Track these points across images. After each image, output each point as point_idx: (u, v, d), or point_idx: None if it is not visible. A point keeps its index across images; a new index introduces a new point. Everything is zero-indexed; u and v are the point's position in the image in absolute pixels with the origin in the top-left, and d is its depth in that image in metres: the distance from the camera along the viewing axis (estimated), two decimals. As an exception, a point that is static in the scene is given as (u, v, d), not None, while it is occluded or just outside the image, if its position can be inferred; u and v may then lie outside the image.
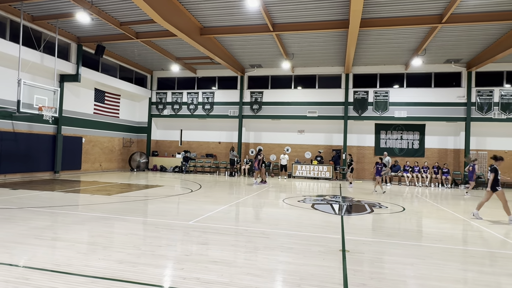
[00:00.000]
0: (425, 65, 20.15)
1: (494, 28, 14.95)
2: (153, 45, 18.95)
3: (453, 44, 17.15)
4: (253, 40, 17.80)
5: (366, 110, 21.39)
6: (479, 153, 20.36)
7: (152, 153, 24.78)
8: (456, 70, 20.38)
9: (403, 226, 7.98)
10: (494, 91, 19.87)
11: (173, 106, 24.58)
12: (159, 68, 24.26)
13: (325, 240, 6.30)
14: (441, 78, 20.78)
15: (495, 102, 19.80)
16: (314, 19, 14.71)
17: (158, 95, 24.98)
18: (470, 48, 17.65)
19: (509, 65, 19.62)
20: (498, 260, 5.44)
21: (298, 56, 20.01)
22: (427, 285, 4.26)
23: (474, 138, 20.29)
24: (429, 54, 18.65)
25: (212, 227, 7.02)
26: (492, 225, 8.34)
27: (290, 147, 23.04)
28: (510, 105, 19.56)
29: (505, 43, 15.70)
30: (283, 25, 15.39)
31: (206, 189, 14.09)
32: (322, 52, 19.26)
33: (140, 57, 21.84)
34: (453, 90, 20.45)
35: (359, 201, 11.91)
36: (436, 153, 21.14)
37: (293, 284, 4.14)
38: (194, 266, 4.65)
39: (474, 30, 15.27)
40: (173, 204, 9.92)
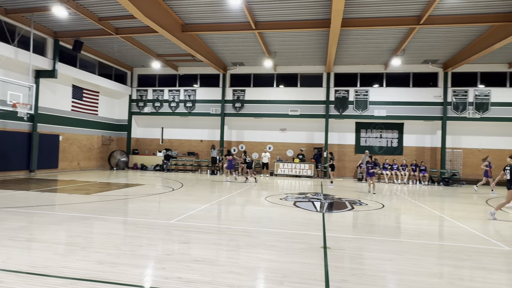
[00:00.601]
0: (403, 65, 20.61)
1: (470, 30, 15.43)
2: (134, 41, 18.59)
3: (431, 45, 17.61)
4: (236, 38, 17.74)
5: (347, 109, 21.71)
6: (454, 151, 21.03)
7: (133, 151, 24.36)
8: (433, 70, 20.95)
9: (382, 223, 8.16)
10: (469, 91, 20.54)
11: (154, 104, 24.23)
12: (140, 64, 23.84)
13: (307, 237, 6.36)
14: (419, 78, 21.31)
15: (469, 102, 20.48)
16: (296, 18, 14.80)
17: (138, 92, 24.55)
18: (446, 49, 18.17)
19: (483, 66, 20.33)
20: (472, 254, 5.65)
21: (280, 54, 20.09)
22: (405, 280, 4.37)
23: (450, 136, 20.93)
24: (408, 55, 19.09)
25: (194, 226, 6.97)
26: (466, 220, 8.63)
27: (272, 145, 23.13)
28: (484, 105, 20.27)
29: (480, 45, 16.24)
30: (266, 23, 15.40)
31: (188, 187, 13.97)
32: (304, 51, 19.40)
33: (120, 54, 21.39)
34: (430, 90, 21.02)
35: (340, 198, 12.09)
36: (414, 151, 21.69)
37: (276, 282, 4.17)
38: (176, 265, 4.61)
39: (451, 32, 15.73)
40: (154, 203, 9.79)
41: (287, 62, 21.78)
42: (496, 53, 17.96)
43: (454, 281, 4.41)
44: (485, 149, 20.62)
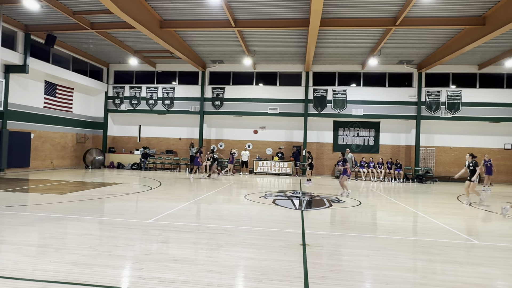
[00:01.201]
0: (380, 65, 21.09)
1: (442, 33, 15.96)
2: (110, 36, 18.13)
3: (406, 46, 18.10)
4: (215, 35, 17.62)
5: (325, 107, 22.01)
6: (428, 149, 21.73)
7: (109, 149, 23.78)
8: (408, 70, 21.54)
9: (359, 220, 8.33)
10: (442, 92, 21.26)
11: (131, 101, 23.73)
12: (116, 61, 23.28)
13: (286, 235, 6.41)
14: (395, 78, 21.87)
15: (442, 101, 21.20)
16: (275, 16, 14.85)
17: (115, 89, 23.98)
18: (420, 50, 18.73)
19: (455, 67, 21.09)
20: (444, 249, 5.85)
21: (259, 53, 20.11)
22: (381, 275, 4.49)
23: (423, 135, 21.61)
24: (384, 55, 19.54)
25: (172, 225, 6.89)
26: (439, 216, 8.94)
27: (252, 143, 23.16)
28: (455, 105, 21.04)
29: (452, 46, 16.83)
30: (245, 21, 15.38)
31: (166, 186, 13.79)
32: (283, 50, 19.51)
33: (95, 49, 20.80)
34: (405, 90, 21.61)
35: (319, 196, 12.26)
36: (390, 149, 22.26)
37: (255, 280, 4.18)
38: (154, 265, 4.54)
39: (425, 34, 16.21)
40: (131, 202, 9.61)
41: (267, 61, 21.83)
42: (467, 55, 18.68)
43: (427, 275, 4.56)
44: (457, 147, 21.44)
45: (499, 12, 13.06)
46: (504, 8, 12.69)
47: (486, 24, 13.91)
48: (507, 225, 8.22)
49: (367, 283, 4.28)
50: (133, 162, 23.01)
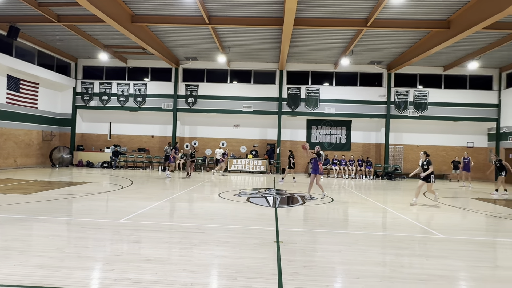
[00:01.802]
0: (352, 65, 21.58)
1: (411, 35, 16.54)
2: (78, 30, 17.46)
3: (376, 47, 18.61)
4: (189, 32, 17.38)
5: (298, 106, 22.27)
6: (397, 147, 22.51)
7: (77, 147, 22.95)
8: (378, 71, 22.18)
9: (331, 216, 8.51)
10: (410, 92, 22.06)
11: (101, 97, 22.99)
12: (85, 55, 22.46)
13: (260, 232, 6.45)
14: (366, 78, 22.45)
15: (410, 101, 22.00)
16: (250, 14, 14.84)
17: (84, 84, 23.14)
18: (390, 51, 19.32)
19: (422, 69, 21.94)
20: (411, 243, 6.09)
21: (234, 50, 20.04)
22: (352, 270, 4.61)
23: (392, 133, 22.35)
24: (356, 55, 20.00)
25: (144, 225, 6.75)
26: (406, 211, 9.29)
27: (226, 141, 23.08)
28: (422, 105, 21.89)
29: (419, 48, 17.48)
30: (219, 18, 15.26)
31: (138, 185, 13.49)
32: (258, 48, 19.54)
33: (62, 43, 19.97)
34: (376, 90, 22.24)
35: (292, 193, 12.40)
36: (361, 147, 22.86)
37: (229, 278, 4.18)
38: (126, 266, 4.44)
39: (394, 35, 16.73)
40: (101, 202, 9.32)
41: (241, 58, 21.79)
42: (433, 57, 19.47)
43: (396, 268, 4.74)
44: (423, 145, 22.34)
45: (462, 17, 13.69)
46: (467, 13, 13.32)
47: (451, 27, 14.55)
48: (469, 219, 8.66)
49: (339, 278, 4.38)
50: (103, 160, 22.34)
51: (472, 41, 16.90)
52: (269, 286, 3.97)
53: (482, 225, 8.12)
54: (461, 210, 10.01)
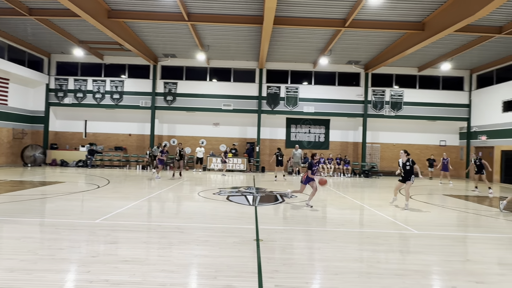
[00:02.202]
0: (330, 65, 21.86)
1: (387, 36, 16.92)
2: (52, 24, 16.85)
3: (354, 47, 18.94)
4: (167, 28, 17.11)
5: (278, 104, 22.38)
6: (373, 146, 23.02)
7: (51, 146, 22.19)
8: (356, 71, 22.59)
9: (310, 214, 8.61)
10: (386, 91, 22.59)
11: (75, 94, 22.31)
12: (59, 51, 21.72)
13: (240, 231, 6.44)
14: (344, 77, 22.82)
15: (386, 101, 22.54)
16: (230, 12, 14.77)
17: (57, 81, 22.37)
18: (367, 52, 19.71)
19: (398, 69, 22.51)
20: (388, 239, 6.25)
21: (213, 48, 19.90)
22: (331, 266, 4.68)
23: (369, 132, 22.84)
24: (334, 55, 20.29)
25: (122, 225, 6.61)
26: (383, 208, 9.52)
27: (205, 139, 22.91)
28: (398, 104, 22.47)
29: (395, 49, 17.92)
30: (199, 16, 15.11)
31: (115, 184, 13.19)
32: (238, 46, 19.49)
33: (34, 37, 19.23)
34: (353, 89, 22.65)
35: (272, 191, 12.46)
36: (339, 145, 23.23)
37: (209, 277, 4.16)
38: (102, 267, 4.33)
39: (371, 36, 17.08)
40: (76, 202, 9.06)
41: (221, 56, 21.68)
42: (408, 58, 20.01)
43: (373, 264, 4.85)
44: (399, 144, 22.95)
45: (436, 19, 14.14)
46: (440, 16, 13.76)
47: (425, 29, 14.98)
48: (442, 215, 8.97)
49: (318, 274, 4.44)
50: (78, 159, 21.70)
51: (445, 43, 17.48)
52: (249, 284, 3.98)
53: (454, 220, 8.43)
54: (435, 206, 10.36)
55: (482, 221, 8.45)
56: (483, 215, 9.22)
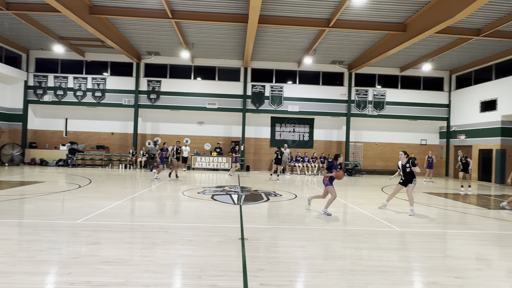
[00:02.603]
0: (314, 64, 22.04)
1: (370, 36, 17.17)
2: (30, 20, 16.35)
3: (338, 47, 19.15)
4: (151, 26, 16.87)
5: (263, 103, 22.41)
6: (357, 145, 23.34)
7: (29, 144, 21.57)
8: (340, 70, 22.84)
9: (295, 212, 8.67)
10: (369, 91, 22.94)
11: (56, 92, 21.74)
12: (38, 47, 21.12)
13: (224, 230, 6.43)
14: (328, 77, 23.04)
15: (369, 100, 22.89)
16: (214, 10, 14.68)
17: (36, 78, 21.75)
18: (351, 52, 19.96)
19: (381, 69, 22.88)
20: (370, 236, 6.36)
21: (198, 46, 19.75)
22: (315, 264, 4.73)
23: (353, 131, 23.15)
24: (318, 55, 20.45)
25: (104, 225, 6.50)
26: (366, 206, 9.67)
27: (190, 138, 22.73)
28: (380, 104, 22.86)
29: (378, 50, 18.21)
30: (183, 13, 14.97)
31: (97, 183, 12.94)
32: (222, 45, 19.40)
33: (12, 33, 18.62)
34: (337, 89, 22.90)
35: (257, 190, 12.48)
36: (323, 144, 23.45)
37: (194, 277, 4.13)
38: (84, 269, 4.25)
39: (355, 36, 17.29)
40: (57, 202, 8.84)
41: (205, 55, 21.54)
42: (391, 58, 20.37)
43: (356, 261, 4.92)
44: (381, 142, 23.37)
45: (417, 21, 14.44)
46: (422, 18, 14.06)
47: (407, 31, 15.28)
48: (423, 212, 9.17)
49: (302, 272, 4.48)
50: (58, 158, 21.17)
51: (426, 44, 17.88)
52: (234, 283, 3.97)
53: (434, 218, 8.64)
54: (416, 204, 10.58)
55: (461, 218, 8.70)
56: (462, 212, 9.49)
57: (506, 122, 18.78)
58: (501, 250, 5.81)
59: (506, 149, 18.66)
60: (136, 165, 21.36)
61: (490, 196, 13.48)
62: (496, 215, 9.17)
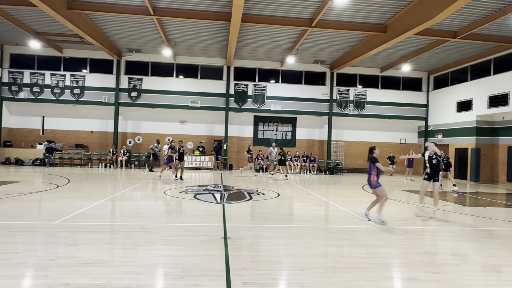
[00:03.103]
0: (297, 64, 22.18)
1: (352, 37, 17.42)
2: (5, 14, 15.76)
3: (320, 47, 19.34)
4: (132, 22, 16.57)
5: (246, 102, 22.40)
6: (338, 144, 23.66)
7: (4, 143, 20.83)
8: (322, 70, 23.08)
9: (277, 211, 8.71)
10: (350, 91, 23.28)
11: (32, 89, 21.07)
12: (13, 42, 20.40)
13: (207, 229, 6.39)
14: (310, 76, 23.25)
15: (350, 100, 23.23)
16: (197, 8, 14.56)
17: (11, 74, 21.01)
18: (333, 52, 20.19)
19: (362, 69, 23.26)
20: (352, 234, 6.46)
21: (180, 44, 19.54)
22: (298, 262, 4.76)
23: (334, 130, 23.45)
24: (301, 54, 20.60)
25: (83, 226, 6.35)
26: (347, 204, 9.81)
27: (172, 137, 22.43)
28: (361, 103, 23.24)
29: (359, 50, 18.50)
30: (165, 10, 14.77)
31: (76, 183, 12.62)
32: (205, 43, 19.26)
33: (-15, 27, 17.94)
34: (319, 88, 23.14)
35: (239, 189, 12.47)
36: (305, 143, 23.66)
37: (176, 277, 4.09)
38: (62, 271, 4.13)
39: (337, 37, 17.51)
40: (33, 203, 8.57)
41: (188, 53, 21.33)
42: (372, 59, 20.74)
43: (338, 258, 4.99)
44: (362, 141, 23.76)
45: (397, 22, 14.74)
46: (401, 19, 14.37)
47: (387, 32, 15.59)
48: (401, 210, 9.39)
49: (285, 270, 4.50)
50: (35, 157, 20.53)
51: (405, 46, 18.28)
52: (217, 282, 3.96)
53: (412, 214, 8.85)
54: (396, 202, 10.82)
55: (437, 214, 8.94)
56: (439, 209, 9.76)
57: (481, 121, 19.45)
58: (476, 245, 6.01)
59: (480, 148, 19.32)
60: (117, 164, 20.96)
61: (465, 194, 13.93)
62: (471, 211, 9.48)
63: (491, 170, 19.51)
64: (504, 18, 13.77)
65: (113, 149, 20.78)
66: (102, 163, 20.97)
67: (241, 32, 16.92)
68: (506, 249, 5.82)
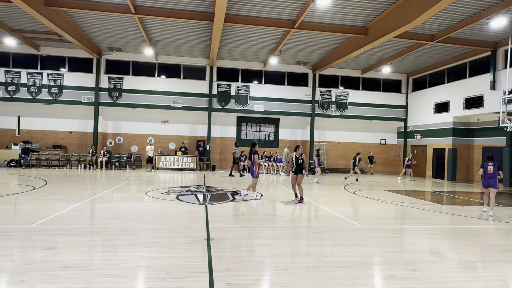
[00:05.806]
0: (280, 65, 22.31)
1: (334, 38, 17.65)
2: (-23, 9, 15.21)
3: (303, 48, 19.50)
4: (112, 20, 16.27)
5: (229, 103, 22.35)
6: (320, 144, 23.92)
7: (-23, 144, 20.03)
8: (305, 71, 23.28)
9: (260, 211, 8.72)
10: (332, 92, 23.58)
11: (7, 87, 20.36)
12: (-14, 39, 19.68)
13: (190, 230, 6.34)
14: (293, 77, 23.41)
15: (332, 101, 23.53)
16: (180, 7, 14.43)
17: (-16, 72, 20.25)
18: (315, 53, 20.41)
19: (343, 71, 23.61)
20: (333, 233, 6.54)
21: (162, 43, 19.31)
22: (281, 262, 4.79)
23: (317, 131, 23.70)
24: (284, 55, 20.72)
25: (61, 229, 6.18)
26: (330, 204, 9.94)
27: (154, 137, 22.18)
28: (343, 104, 23.58)
29: (341, 52, 18.77)
30: (147, 9, 14.57)
31: (54, 185, 12.27)
32: (188, 42, 19.11)
33: (-44, 23, 17.21)
34: (302, 89, 23.33)
35: (222, 190, 12.42)
36: (288, 144, 23.75)
37: (158, 279, 4.04)
38: (39, 275, 4.01)
39: (319, 38, 17.70)
40: (8, 206, 8.28)
41: (170, 52, 21.11)
42: (353, 60, 21.08)
43: (320, 258, 5.04)
44: (344, 142, 24.11)
45: (377, 25, 15.05)
46: (381, 22, 14.67)
47: (368, 34, 15.88)
48: (382, 209, 9.58)
49: (268, 271, 4.52)
50: (10, 158, 19.83)
51: (385, 48, 18.67)
52: (200, 284, 3.93)
53: (392, 214, 9.05)
54: (376, 201, 11.03)
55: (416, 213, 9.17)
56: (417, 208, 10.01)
57: (457, 123, 20.07)
58: (452, 243, 6.20)
59: (457, 148, 19.93)
60: (97, 166, 20.51)
61: (442, 193, 14.34)
62: (448, 210, 9.77)
63: (467, 170, 20.17)
64: (479, 23, 14.27)
65: (93, 150, 20.32)
66: (81, 164, 20.48)
67: (224, 32, 16.88)
68: (481, 246, 6.03)
